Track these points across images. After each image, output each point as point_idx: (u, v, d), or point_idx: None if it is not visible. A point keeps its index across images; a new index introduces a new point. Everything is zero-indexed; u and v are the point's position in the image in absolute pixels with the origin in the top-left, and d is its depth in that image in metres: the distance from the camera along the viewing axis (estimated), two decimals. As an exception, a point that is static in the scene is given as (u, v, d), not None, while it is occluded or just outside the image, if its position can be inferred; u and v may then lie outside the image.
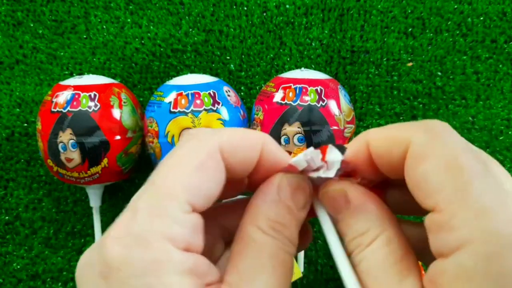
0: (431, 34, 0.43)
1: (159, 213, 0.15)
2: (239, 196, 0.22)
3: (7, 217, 0.43)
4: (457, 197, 0.15)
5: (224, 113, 0.36)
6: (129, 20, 0.44)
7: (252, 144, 0.18)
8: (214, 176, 0.17)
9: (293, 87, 0.36)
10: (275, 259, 0.17)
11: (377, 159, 0.18)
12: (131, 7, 0.45)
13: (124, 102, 0.37)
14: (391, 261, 0.17)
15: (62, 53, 0.45)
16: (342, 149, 0.18)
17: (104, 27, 0.44)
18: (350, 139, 0.37)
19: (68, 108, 0.35)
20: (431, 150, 0.15)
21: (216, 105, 0.35)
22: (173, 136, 0.35)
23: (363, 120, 0.43)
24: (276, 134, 0.35)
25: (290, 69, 0.43)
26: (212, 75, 0.40)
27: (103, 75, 0.41)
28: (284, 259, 0.17)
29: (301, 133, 0.35)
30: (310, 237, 0.21)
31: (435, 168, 0.15)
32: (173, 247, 0.15)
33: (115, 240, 0.15)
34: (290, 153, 0.35)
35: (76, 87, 0.36)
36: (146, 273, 0.15)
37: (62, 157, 0.36)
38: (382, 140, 0.17)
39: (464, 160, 0.15)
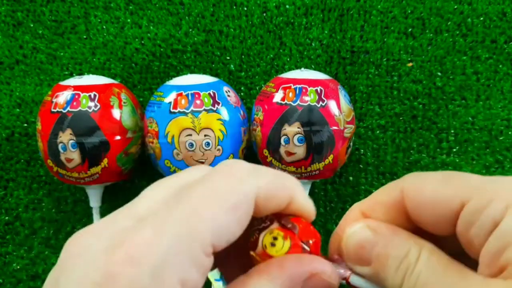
0: (431, 34, 0.43)
1: (183, 249, 0.14)
2: None
3: (7, 217, 0.43)
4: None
5: (224, 113, 0.36)
6: (129, 20, 0.44)
7: (286, 194, 0.17)
8: (242, 220, 0.16)
9: (293, 87, 0.36)
10: None
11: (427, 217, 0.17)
12: (131, 7, 0.45)
13: (124, 103, 0.37)
14: (445, 264, 0.16)
15: (62, 53, 0.45)
16: None
17: (104, 27, 0.44)
18: (350, 139, 0.37)
19: (68, 108, 0.35)
20: None
21: (216, 105, 0.35)
22: (173, 136, 0.35)
23: (363, 120, 0.43)
24: (276, 134, 0.35)
25: (290, 69, 0.43)
26: (212, 75, 0.40)
27: (103, 75, 0.41)
28: None
29: (301, 133, 0.35)
30: None
31: None
32: None
33: (129, 259, 0.14)
34: (290, 153, 0.35)
35: (76, 87, 0.36)
36: None
37: (62, 157, 0.36)
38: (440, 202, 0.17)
39: None
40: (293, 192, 0.18)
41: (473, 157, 0.41)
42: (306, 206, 0.18)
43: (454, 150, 0.42)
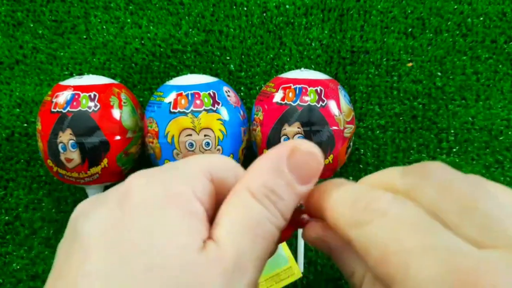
0: (431, 34, 0.43)
1: (184, 173, 0.17)
2: None
3: (7, 217, 0.43)
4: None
5: (224, 113, 0.36)
6: (129, 20, 0.44)
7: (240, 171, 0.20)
8: (228, 170, 0.19)
9: (293, 87, 0.36)
10: (260, 229, 0.16)
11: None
12: (131, 7, 0.45)
13: (124, 102, 0.37)
14: None
15: (62, 53, 0.45)
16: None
17: (104, 27, 0.44)
18: (350, 139, 0.37)
19: (68, 108, 0.35)
20: None
21: (216, 105, 0.35)
22: (173, 136, 0.35)
23: (363, 120, 0.43)
24: (276, 134, 0.35)
25: (290, 69, 0.43)
26: (212, 75, 0.40)
27: (103, 75, 0.41)
28: (270, 231, 0.16)
29: (301, 133, 0.35)
30: (302, 223, 0.21)
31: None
32: (191, 191, 0.16)
33: (141, 176, 0.17)
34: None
35: (76, 87, 0.36)
36: (161, 205, 0.16)
37: (62, 157, 0.36)
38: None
39: None
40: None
41: (473, 157, 0.41)
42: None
43: (454, 150, 0.42)
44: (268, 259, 0.17)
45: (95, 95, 0.36)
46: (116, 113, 0.36)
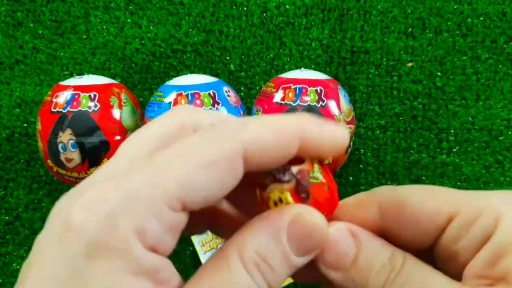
0: (431, 34, 0.43)
1: (142, 199, 0.14)
2: None
3: (7, 217, 0.43)
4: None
5: (224, 113, 0.36)
6: (129, 20, 0.44)
7: (287, 139, 0.15)
8: (221, 178, 0.14)
9: (293, 87, 0.36)
10: None
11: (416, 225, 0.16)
12: (131, 7, 0.45)
13: (124, 102, 0.37)
14: (432, 271, 0.16)
15: (62, 53, 0.45)
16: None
17: (104, 27, 0.44)
18: (350, 139, 0.37)
19: (68, 108, 0.35)
20: None
21: (216, 105, 0.35)
22: (173, 136, 0.35)
23: (363, 120, 0.43)
24: (276, 134, 0.35)
25: (290, 69, 0.43)
26: (212, 75, 0.40)
27: (103, 75, 0.41)
28: None
29: (301, 133, 0.35)
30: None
31: None
32: (138, 241, 0.14)
33: (85, 206, 0.14)
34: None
35: (76, 87, 0.36)
36: (96, 258, 0.13)
37: (62, 157, 0.36)
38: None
39: None
40: (300, 132, 0.16)
41: (473, 157, 0.41)
42: (324, 142, 0.17)
43: (454, 150, 0.42)
44: None
45: (95, 95, 0.36)
46: (116, 113, 0.36)
